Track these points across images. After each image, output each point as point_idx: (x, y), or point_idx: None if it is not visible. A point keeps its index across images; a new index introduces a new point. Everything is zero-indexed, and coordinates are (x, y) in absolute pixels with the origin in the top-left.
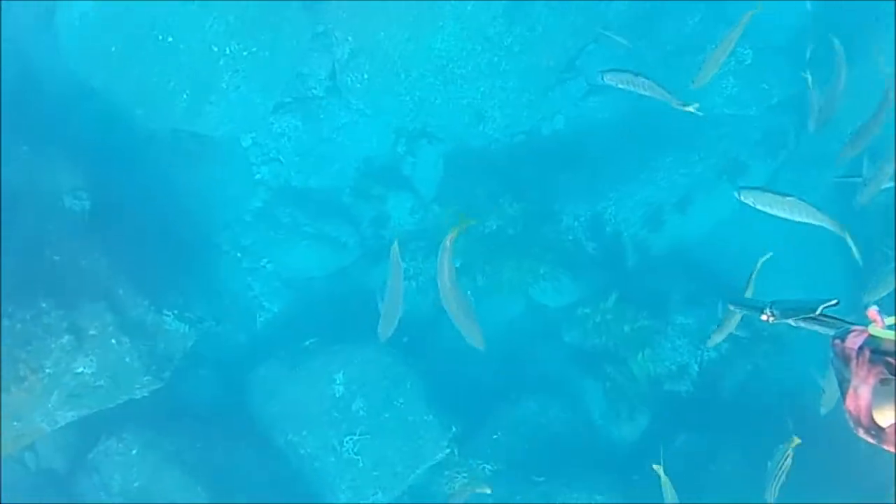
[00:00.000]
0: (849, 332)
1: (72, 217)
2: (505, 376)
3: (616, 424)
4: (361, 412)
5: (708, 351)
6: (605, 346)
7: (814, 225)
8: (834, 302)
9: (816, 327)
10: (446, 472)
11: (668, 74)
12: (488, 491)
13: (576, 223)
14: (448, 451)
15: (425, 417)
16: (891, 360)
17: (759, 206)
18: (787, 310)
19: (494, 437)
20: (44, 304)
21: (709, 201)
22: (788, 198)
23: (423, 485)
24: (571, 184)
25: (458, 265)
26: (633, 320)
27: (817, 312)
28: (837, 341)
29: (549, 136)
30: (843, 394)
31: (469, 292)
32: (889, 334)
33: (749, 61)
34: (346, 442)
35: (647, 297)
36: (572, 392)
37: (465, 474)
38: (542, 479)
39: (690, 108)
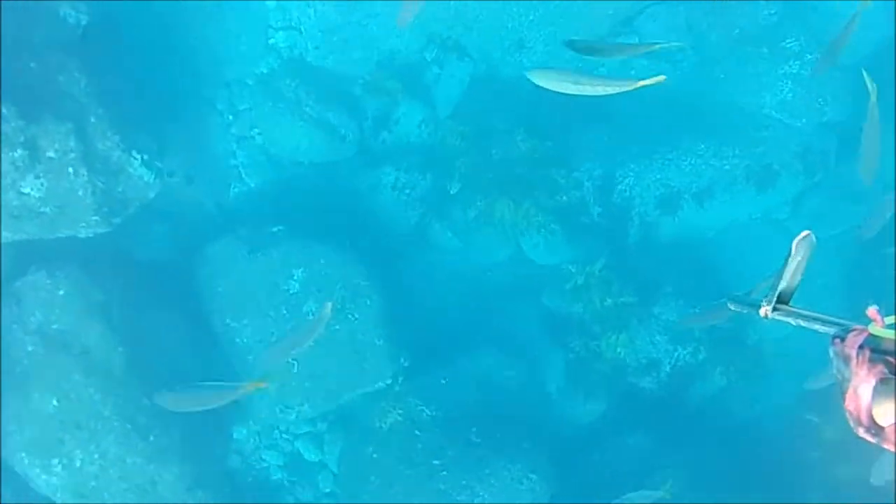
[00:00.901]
0: (849, 331)
1: (63, 28)
2: (470, 323)
3: (571, 402)
4: (311, 316)
5: (685, 353)
6: (581, 317)
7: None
8: (805, 233)
9: (816, 326)
10: (382, 404)
11: (726, 58)
12: None
13: (587, 182)
14: (390, 382)
15: (376, 341)
16: (891, 359)
17: (548, 86)
18: (773, 286)
19: (442, 381)
20: (4, 111)
21: (729, 201)
22: (574, 74)
23: (354, 410)
24: (595, 141)
25: (454, 192)
26: (616, 295)
27: (792, 254)
28: (837, 340)
29: None
30: (843, 393)
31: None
32: (889, 333)
33: None
34: None
35: (637, 280)
36: (535, 357)
37: (400, 411)
38: (479, 440)
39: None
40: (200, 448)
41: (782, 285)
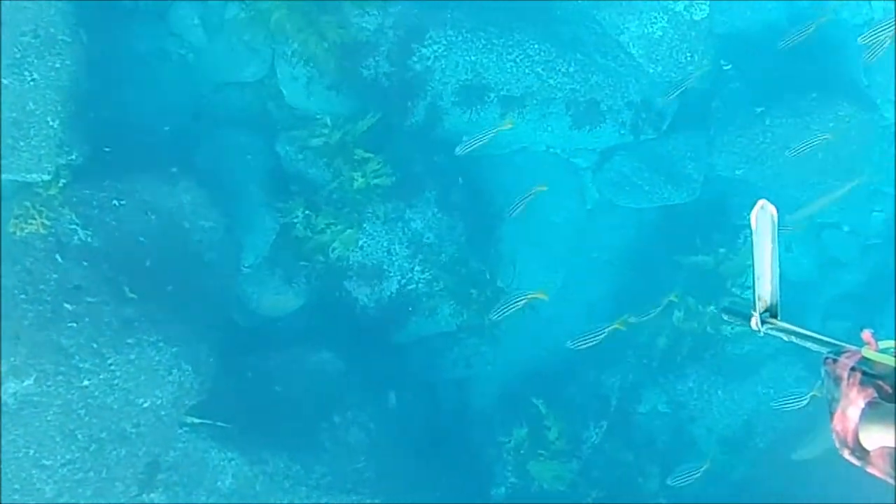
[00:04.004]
0: (842, 352)
1: None
2: (177, 142)
3: (263, 285)
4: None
5: (422, 277)
6: (315, 184)
7: None
8: (761, 203)
9: (809, 344)
10: (27, 203)
11: None
12: None
13: (391, 31)
14: (48, 179)
15: (49, 119)
16: (882, 383)
17: None
18: (753, 288)
19: (115, 203)
20: None
21: (535, 121)
22: None
23: None
24: None
25: None
26: (370, 175)
27: (754, 231)
28: (830, 360)
29: None
30: (831, 414)
31: None
32: (882, 357)
33: (698, 18)
34: None
35: (401, 169)
36: (242, 215)
37: (47, 221)
38: (135, 297)
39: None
40: None
41: (759, 283)
